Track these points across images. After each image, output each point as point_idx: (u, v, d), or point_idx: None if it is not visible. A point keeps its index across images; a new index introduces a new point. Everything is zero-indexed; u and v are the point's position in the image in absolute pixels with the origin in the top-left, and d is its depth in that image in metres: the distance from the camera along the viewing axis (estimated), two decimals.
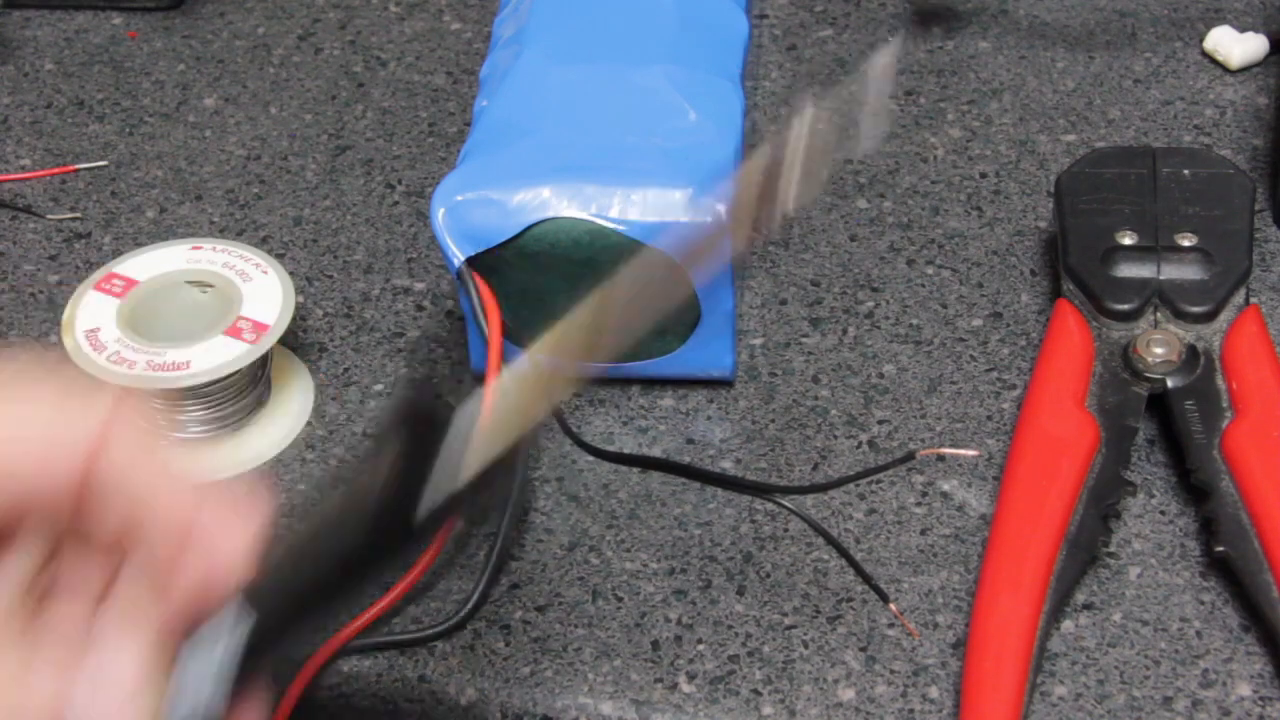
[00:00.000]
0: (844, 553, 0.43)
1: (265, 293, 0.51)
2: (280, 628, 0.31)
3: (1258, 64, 0.63)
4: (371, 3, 0.69)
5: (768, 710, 0.43)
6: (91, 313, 0.51)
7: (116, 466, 0.32)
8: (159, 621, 0.32)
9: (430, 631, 0.45)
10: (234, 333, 0.50)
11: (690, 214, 0.47)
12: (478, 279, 0.47)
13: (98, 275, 0.52)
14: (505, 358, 0.46)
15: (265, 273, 0.52)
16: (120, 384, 0.48)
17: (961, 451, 0.49)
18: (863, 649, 0.44)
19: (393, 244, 0.57)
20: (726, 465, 0.49)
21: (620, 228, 0.47)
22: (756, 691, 0.43)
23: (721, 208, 0.47)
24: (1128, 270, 0.49)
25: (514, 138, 0.50)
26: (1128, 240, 0.50)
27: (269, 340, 0.49)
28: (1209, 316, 0.48)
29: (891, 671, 0.43)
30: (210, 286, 0.52)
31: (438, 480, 0.31)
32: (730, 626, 0.45)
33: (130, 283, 0.52)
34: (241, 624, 0.31)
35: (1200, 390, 0.47)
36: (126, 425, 0.32)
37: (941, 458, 0.49)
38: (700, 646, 0.44)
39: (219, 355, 0.49)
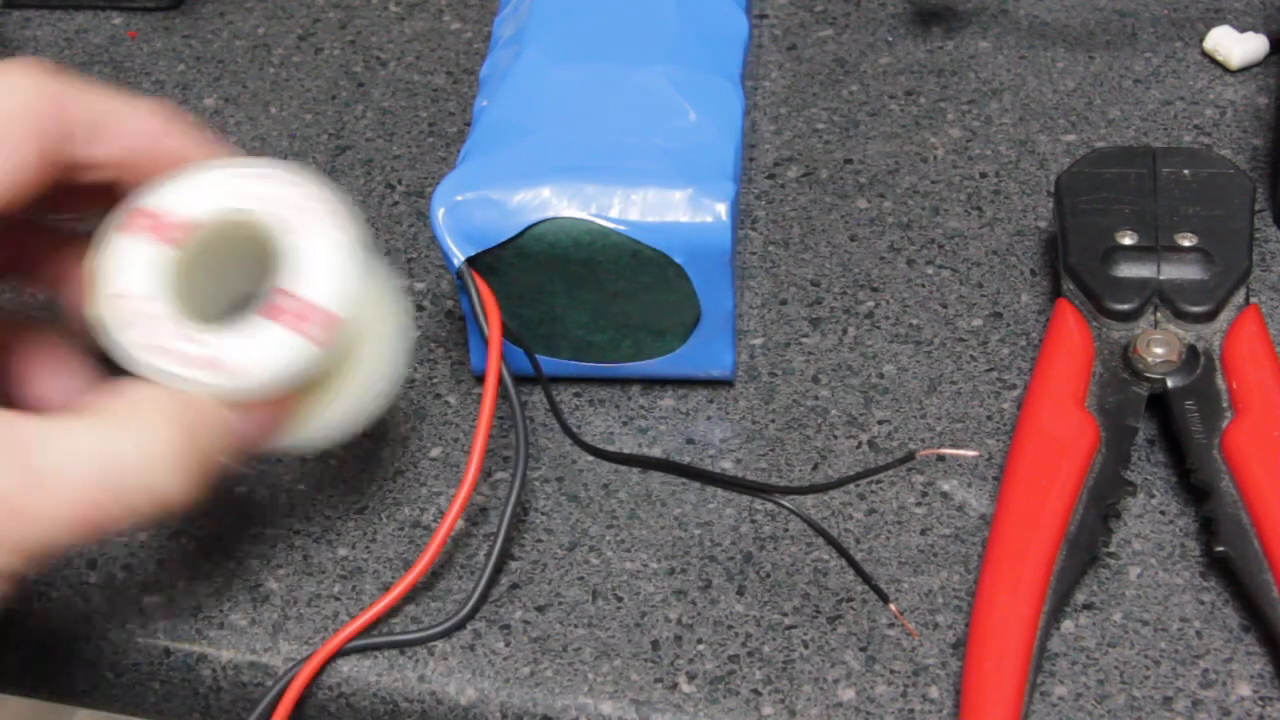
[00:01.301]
0: (844, 553, 0.43)
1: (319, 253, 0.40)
2: None
3: (1258, 64, 0.63)
4: (371, 3, 0.69)
5: (768, 710, 0.43)
6: (131, 269, 0.39)
7: (82, 116, 0.38)
8: None
9: (430, 631, 0.45)
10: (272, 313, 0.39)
11: (690, 214, 0.47)
12: (478, 279, 0.47)
13: (137, 210, 0.40)
14: (505, 358, 0.47)
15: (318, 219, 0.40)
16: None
17: (961, 452, 0.49)
18: (863, 649, 0.44)
19: (392, 244, 0.57)
20: (726, 465, 0.49)
21: (620, 228, 0.47)
22: (756, 691, 0.43)
23: (722, 208, 0.47)
24: (1128, 270, 0.49)
25: (514, 138, 0.50)
26: (1128, 240, 0.50)
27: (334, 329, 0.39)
28: (1209, 316, 0.48)
29: (891, 671, 0.43)
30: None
31: None
32: (730, 626, 0.45)
33: (184, 227, 0.40)
34: None
35: (1200, 390, 0.47)
36: (70, 86, 0.38)
37: (941, 458, 0.49)
38: (700, 646, 0.44)
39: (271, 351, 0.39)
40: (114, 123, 0.39)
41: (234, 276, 0.41)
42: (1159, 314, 0.49)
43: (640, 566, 0.47)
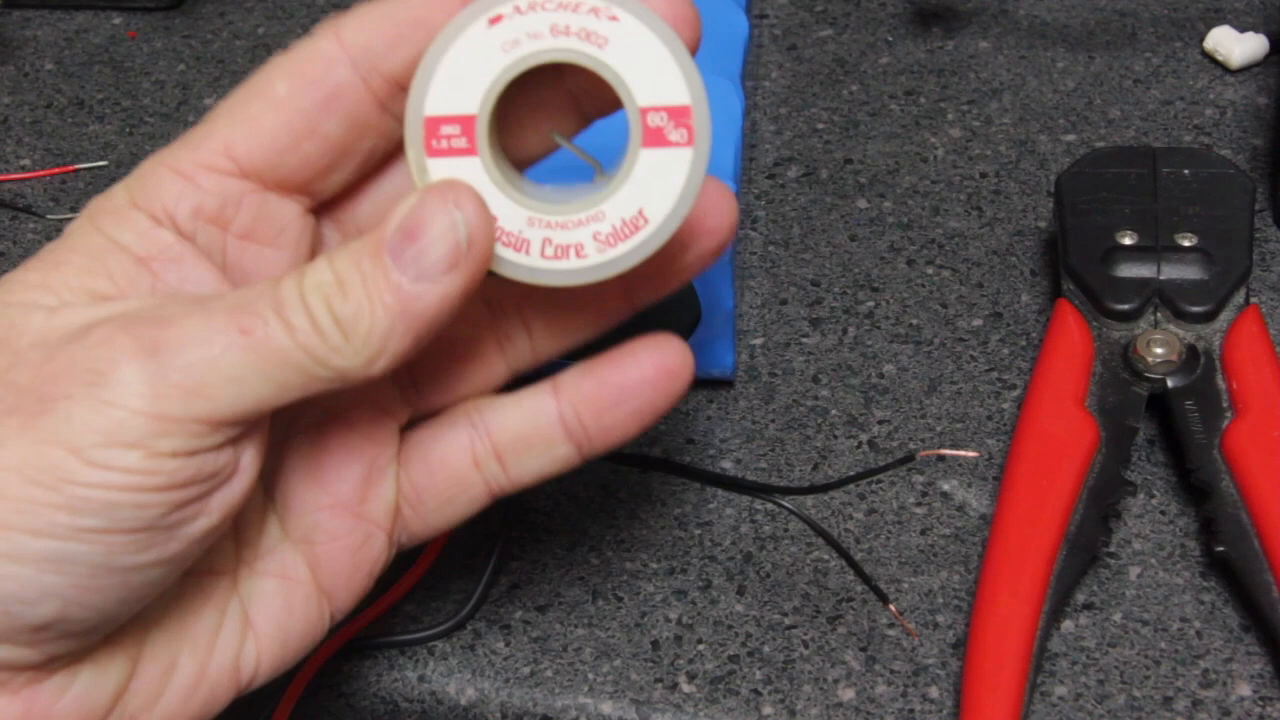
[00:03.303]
0: (843, 554, 0.43)
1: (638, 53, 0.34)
2: None
3: (1258, 64, 0.63)
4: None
5: (768, 710, 0.43)
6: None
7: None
8: None
9: (430, 631, 0.45)
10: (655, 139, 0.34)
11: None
12: None
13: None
14: None
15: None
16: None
17: (961, 453, 0.49)
18: (863, 649, 0.44)
19: None
20: (726, 465, 0.49)
21: None
22: (756, 691, 0.43)
23: None
24: (1128, 270, 0.49)
25: None
26: (1128, 240, 0.50)
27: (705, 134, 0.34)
28: (1209, 316, 0.48)
29: (891, 671, 0.43)
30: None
31: None
32: (730, 626, 0.45)
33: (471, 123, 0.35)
34: None
35: (1200, 390, 0.47)
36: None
37: (941, 458, 0.49)
38: (700, 646, 0.44)
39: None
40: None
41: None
42: (1159, 314, 0.49)
43: (640, 566, 0.47)
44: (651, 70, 0.34)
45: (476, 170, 0.34)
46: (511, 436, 0.38)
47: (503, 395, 0.39)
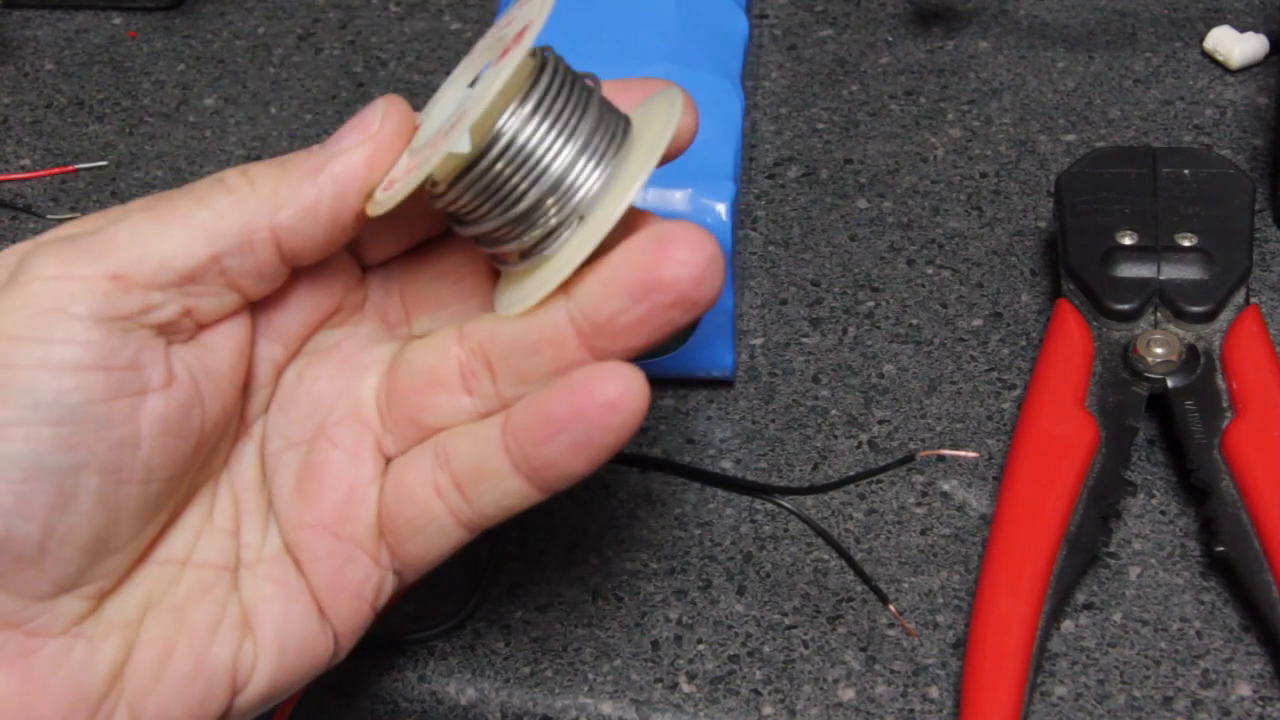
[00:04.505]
0: (843, 554, 0.43)
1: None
2: None
3: (1258, 64, 0.63)
4: (371, 3, 0.69)
5: (768, 710, 0.43)
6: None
7: None
8: None
9: (430, 631, 0.45)
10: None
11: (690, 214, 0.47)
12: None
13: None
14: None
15: None
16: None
17: (961, 453, 0.49)
18: (863, 649, 0.44)
19: None
20: (726, 465, 0.49)
21: None
22: (756, 691, 0.43)
23: (721, 208, 0.47)
24: (1128, 270, 0.49)
25: None
26: (1128, 240, 0.50)
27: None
28: (1209, 316, 0.48)
29: (891, 671, 0.43)
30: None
31: None
32: (730, 626, 0.45)
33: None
34: None
35: (1200, 390, 0.47)
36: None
37: (941, 458, 0.49)
38: (700, 646, 0.44)
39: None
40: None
41: None
42: (1159, 314, 0.49)
43: (640, 566, 0.47)
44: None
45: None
46: (464, 465, 0.37)
47: (464, 425, 0.38)
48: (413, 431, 0.38)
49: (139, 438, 0.34)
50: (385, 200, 0.35)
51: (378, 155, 0.36)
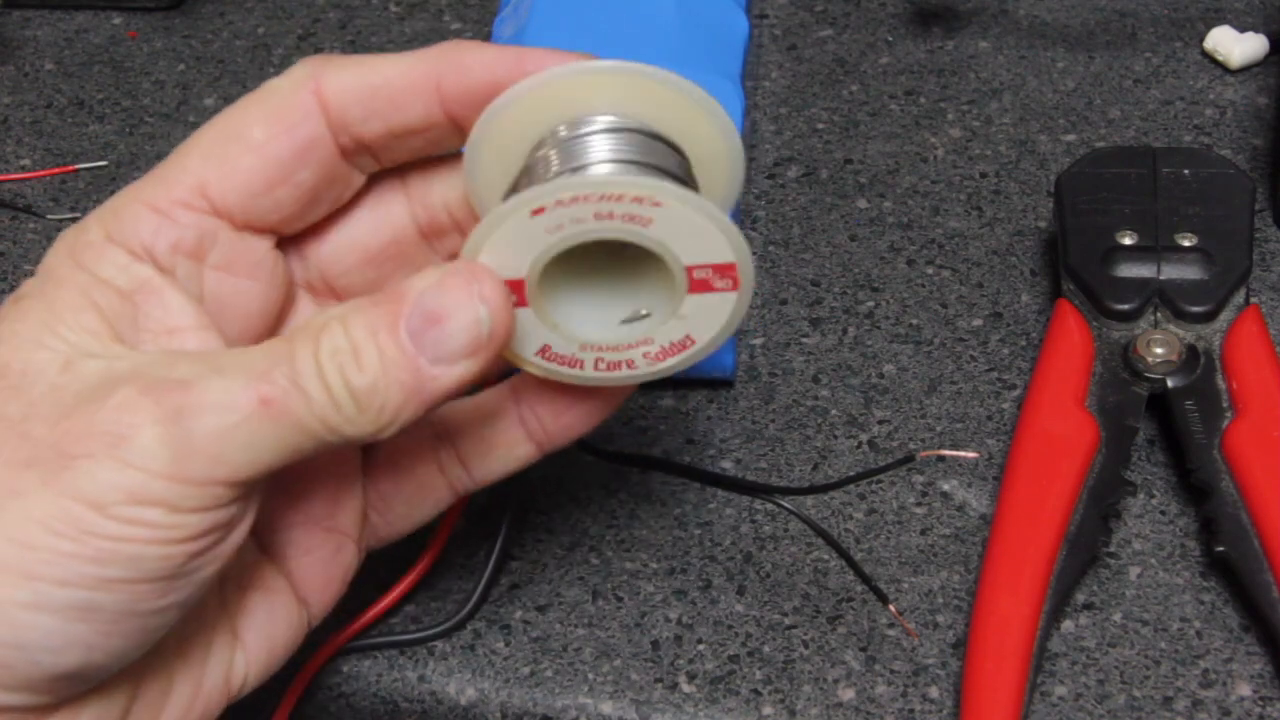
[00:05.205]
0: (843, 554, 0.43)
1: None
2: None
3: (1258, 64, 0.63)
4: (371, 3, 0.69)
5: (768, 710, 0.43)
6: None
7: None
8: None
9: (430, 631, 0.45)
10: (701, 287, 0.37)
11: None
12: None
13: None
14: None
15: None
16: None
17: (961, 453, 0.49)
18: (863, 649, 0.44)
19: None
20: (726, 465, 0.49)
21: None
22: (756, 691, 0.43)
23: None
24: (1128, 270, 0.49)
25: None
26: (1128, 240, 0.50)
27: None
28: (1209, 316, 0.48)
29: (891, 671, 0.43)
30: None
31: None
32: (730, 626, 0.45)
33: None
34: None
35: (1200, 390, 0.47)
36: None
37: (941, 458, 0.49)
38: (700, 646, 0.44)
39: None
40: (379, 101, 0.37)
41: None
42: (1159, 314, 0.49)
43: (640, 566, 0.47)
44: (696, 237, 0.35)
45: (530, 319, 0.36)
46: (474, 442, 0.39)
47: (462, 400, 0.39)
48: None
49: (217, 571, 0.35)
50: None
51: (488, 369, 0.35)
